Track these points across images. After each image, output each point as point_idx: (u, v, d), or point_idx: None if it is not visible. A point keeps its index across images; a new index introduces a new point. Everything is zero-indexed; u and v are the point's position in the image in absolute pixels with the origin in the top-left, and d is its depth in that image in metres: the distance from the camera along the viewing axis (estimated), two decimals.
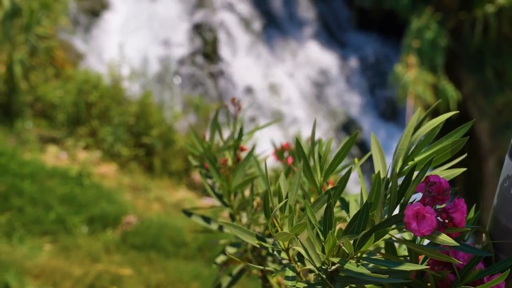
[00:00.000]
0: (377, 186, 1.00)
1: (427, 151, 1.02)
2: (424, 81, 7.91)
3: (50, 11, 6.51)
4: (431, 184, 0.83)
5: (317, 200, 1.01)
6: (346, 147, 1.13)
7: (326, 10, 9.74)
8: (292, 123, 8.40)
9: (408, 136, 1.04)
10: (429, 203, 0.80)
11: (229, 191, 1.30)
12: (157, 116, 6.74)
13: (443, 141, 1.01)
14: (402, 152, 1.04)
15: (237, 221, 1.35)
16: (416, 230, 0.78)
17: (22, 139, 5.58)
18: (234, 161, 1.37)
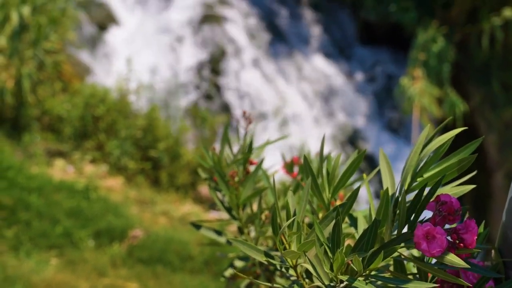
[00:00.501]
0: (386, 203, 1.00)
1: (436, 167, 1.02)
2: (430, 94, 7.90)
3: (58, 26, 6.57)
4: (442, 203, 0.82)
5: (325, 216, 1.00)
6: (353, 165, 1.13)
7: (332, 24, 9.78)
8: (297, 134, 8.40)
9: (417, 152, 1.04)
10: (439, 222, 0.80)
11: (237, 204, 1.31)
12: (164, 129, 6.76)
13: (451, 157, 1.01)
14: (411, 169, 1.04)
15: (245, 234, 1.35)
16: (426, 250, 0.77)
17: (30, 152, 5.61)
18: (243, 174, 1.38)
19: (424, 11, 8.63)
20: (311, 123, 8.63)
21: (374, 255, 0.85)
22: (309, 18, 9.67)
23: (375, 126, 9.08)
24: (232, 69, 8.66)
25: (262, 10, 9.42)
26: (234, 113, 8.31)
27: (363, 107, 9.18)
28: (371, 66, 9.51)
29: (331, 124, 8.72)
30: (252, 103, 8.43)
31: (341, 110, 8.97)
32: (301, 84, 8.93)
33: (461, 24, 8.33)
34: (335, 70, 9.35)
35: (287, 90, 8.77)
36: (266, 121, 8.34)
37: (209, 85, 8.46)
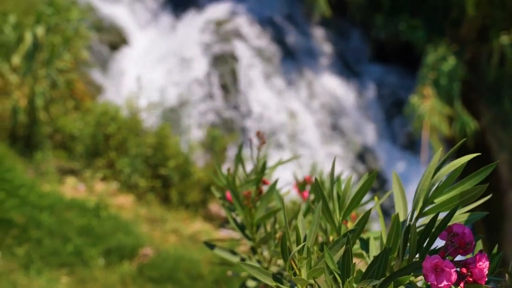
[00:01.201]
0: (397, 229, 1.00)
1: (448, 193, 1.02)
2: (440, 112, 7.88)
3: (71, 46, 6.65)
4: (453, 234, 0.82)
5: (335, 241, 1.00)
6: (364, 187, 1.13)
7: (342, 42, 9.83)
8: (308, 152, 8.39)
9: (429, 177, 1.03)
10: (451, 253, 0.79)
11: (252, 224, 1.31)
12: (174, 147, 6.78)
13: (464, 183, 1.01)
14: (423, 193, 1.03)
15: (258, 254, 1.35)
16: (434, 283, 0.76)
17: (42, 170, 5.64)
18: (256, 193, 1.38)
19: (433, 30, 8.65)
20: (321, 139, 8.62)
21: (384, 283, 0.84)
22: (320, 36, 9.72)
23: (385, 143, 9.05)
24: (242, 87, 8.71)
25: (273, 28, 9.49)
26: (244, 131, 8.33)
27: (373, 125, 9.16)
28: (381, 83, 9.51)
29: (341, 141, 8.71)
30: (262, 120, 8.45)
31: (351, 127, 8.95)
32: (311, 101, 8.94)
33: (471, 42, 8.33)
34: (345, 87, 9.36)
35: (297, 107, 8.79)
36: (277, 138, 8.34)
37: (219, 103, 8.50)
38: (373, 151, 8.87)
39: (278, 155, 7.98)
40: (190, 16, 9.77)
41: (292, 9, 9.91)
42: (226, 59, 8.88)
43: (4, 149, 5.00)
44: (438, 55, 8.17)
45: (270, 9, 9.82)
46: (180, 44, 9.20)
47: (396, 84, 9.50)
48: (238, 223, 1.34)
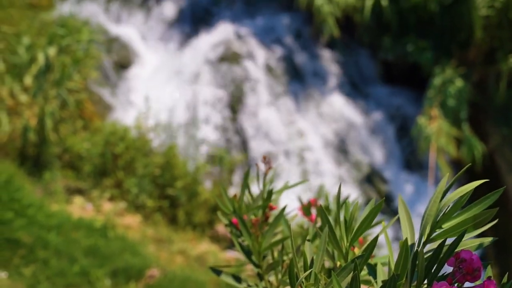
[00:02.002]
0: (405, 255, 0.99)
1: (456, 218, 1.01)
2: (447, 134, 7.86)
3: (81, 66, 6.74)
4: (461, 260, 0.81)
5: (343, 268, 1.00)
6: (372, 214, 1.12)
7: (350, 63, 9.87)
8: (315, 173, 8.37)
9: (436, 202, 1.03)
10: (459, 279, 0.79)
11: (259, 251, 1.31)
12: (181, 167, 6.79)
13: (472, 208, 1.00)
14: (430, 219, 1.03)
15: (265, 281, 1.34)
16: None
17: (50, 189, 5.67)
18: (263, 219, 1.38)
19: (441, 52, 8.68)
20: (329, 161, 8.60)
21: None
22: (327, 57, 9.77)
23: (392, 165, 9.02)
24: (250, 107, 8.74)
25: (281, 48, 9.56)
26: (252, 151, 8.34)
27: (381, 146, 9.14)
28: (389, 104, 9.52)
29: (349, 162, 8.68)
30: (270, 141, 8.46)
31: (359, 148, 8.94)
32: (319, 122, 8.95)
33: (479, 64, 8.34)
34: (353, 108, 9.37)
35: (305, 128, 8.80)
36: (284, 158, 8.34)
37: (227, 123, 8.53)
38: (380, 172, 8.83)
39: (285, 175, 7.97)
40: (199, 36, 9.88)
41: (301, 30, 9.99)
42: (234, 79, 8.94)
43: (14, 168, 5.04)
44: (446, 76, 8.18)
45: (278, 29, 9.91)
46: (188, 64, 9.29)
47: (404, 106, 9.51)
48: (245, 249, 1.34)
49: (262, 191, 1.44)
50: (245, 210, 1.41)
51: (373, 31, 9.39)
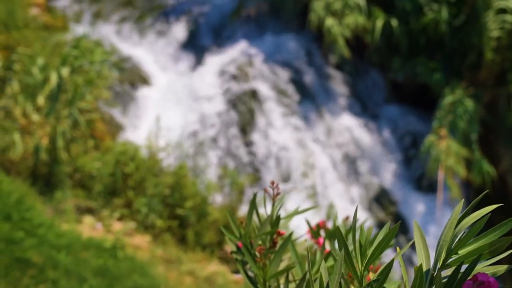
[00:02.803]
0: (420, 279, 0.99)
1: (472, 245, 1.01)
2: (456, 154, 7.82)
3: (93, 86, 6.81)
4: (479, 283, 0.81)
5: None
6: (387, 238, 1.12)
7: (360, 83, 9.90)
8: (324, 193, 8.34)
9: (452, 228, 1.03)
10: None
11: (264, 279, 1.30)
12: (191, 187, 6.80)
13: (487, 235, 1.00)
14: (445, 244, 1.03)
15: None
16: None
17: (60, 209, 5.69)
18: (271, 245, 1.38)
19: (451, 73, 8.68)
20: (339, 181, 8.57)
21: None
22: (337, 78, 9.81)
23: (403, 185, 8.97)
24: (260, 128, 8.76)
25: (290, 68, 9.61)
26: (262, 171, 8.33)
27: (391, 166, 9.10)
28: (399, 125, 9.50)
29: (359, 183, 8.65)
30: (280, 162, 8.45)
31: (369, 169, 8.90)
32: (329, 142, 8.95)
33: (490, 85, 8.33)
34: (363, 128, 9.37)
35: (315, 148, 8.79)
36: (293, 178, 8.32)
37: (237, 143, 8.55)
38: (390, 193, 8.78)
39: (294, 195, 7.94)
40: (209, 57, 9.97)
41: (311, 50, 10.05)
42: (244, 99, 8.98)
43: (25, 188, 5.07)
44: (456, 97, 8.17)
45: (288, 50, 9.98)
46: (199, 84, 9.36)
47: (414, 126, 9.49)
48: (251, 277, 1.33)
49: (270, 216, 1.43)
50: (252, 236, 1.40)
51: (383, 52, 9.43)
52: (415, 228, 1.17)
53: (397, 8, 9.06)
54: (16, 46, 6.61)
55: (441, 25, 8.53)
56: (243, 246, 1.31)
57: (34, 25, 7.83)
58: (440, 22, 8.52)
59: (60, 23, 10.07)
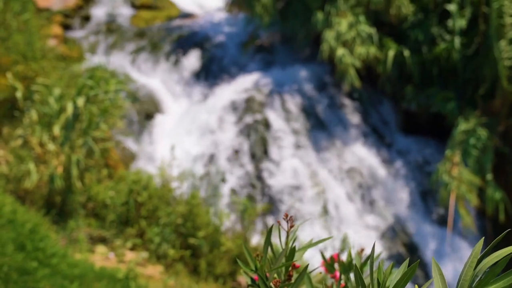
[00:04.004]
0: None
1: (493, 284, 0.99)
2: (469, 182, 7.74)
3: (107, 115, 6.88)
4: None
5: None
6: (405, 277, 1.10)
7: (372, 112, 9.89)
8: (338, 224, 8.26)
9: (472, 267, 1.01)
10: None
11: None
12: (204, 216, 6.78)
13: (508, 276, 0.98)
14: (466, 284, 1.01)
15: None
16: None
17: (73, 238, 5.69)
18: (286, 278, 1.37)
19: (465, 102, 8.66)
20: (352, 211, 8.50)
21: None
22: (349, 107, 9.82)
23: (417, 215, 8.87)
24: (272, 156, 8.76)
25: (302, 97, 9.65)
26: (274, 200, 8.29)
27: (405, 196, 9.02)
28: (412, 154, 9.45)
29: (372, 213, 8.56)
30: (292, 191, 8.42)
31: (382, 198, 8.83)
32: (342, 171, 8.91)
33: (504, 115, 8.28)
34: (376, 158, 9.33)
35: (328, 177, 8.75)
36: (306, 208, 8.27)
37: (250, 172, 8.54)
38: (404, 223, 8.68)
39: (308, 225, 7.88)
40: (221, 86, 10.06)
41: (323, 80, 10.11)
42: (256, 128, 9.01)
43: (39, 217, 5.09)
44: (469, 126, 8.13)
45: (301, 80, 10.05)
46: (211, 113, 9.42)
47: (427, 155, 9.43)
48: None
49: (285, 249, 1.43)
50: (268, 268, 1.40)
51: (395, 81, 9.45)
52: (434, 266, 1.15)
53: (409, 38, 9.12)
54: (34, 76, 6.74)
55: (453, 54, 8.56)
56: (259, 279, 1.30)
57: (52, 56, 7.99)
58: (453, 51, 8.54)
59: (76, 54, 10.26)
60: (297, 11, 9.94)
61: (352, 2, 9.32)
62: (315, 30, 9.51)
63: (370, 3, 9.16)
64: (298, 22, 9.97)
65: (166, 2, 13.31)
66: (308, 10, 9.67)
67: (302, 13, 9.88)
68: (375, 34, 9.13)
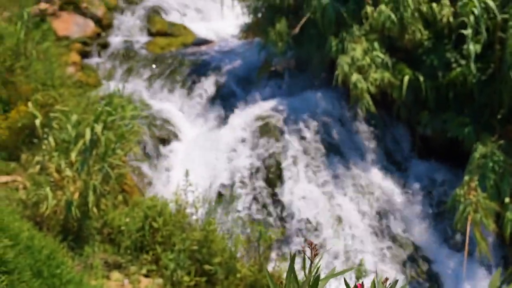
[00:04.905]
0: None
1: None
2: (486, 207, 7.63)
3: (124, 142, 6.94)
4: None
5: None
6: None
7: (387, 137, 9.85)
8: (355, 249, 8.16)
9: None
10: None
11: None
12: (219, 243, 6.75)
13: None
14: None
15: None
16: None
17: (89, 264, 5.70)
18: None
19: (481, 126, 8.60)
20: (368, 236, 8.40)
21: None
22: (365, 132, 9.80)
23: (434, 241, 8.74)
24: (288, 181, 8.74)
25: (318, 123, 9.65)
26: (290, 226, 8.24)
27: (422, 222, 8.91)
28: (429, 179, 9.36)
29: (389, 239, 8.46)
30: (309, 216, 8.36)
31: (399, 224, 8.73)
32: (357, 196, 8.84)
33: None
34: (392, 183, 9.25)
35: (343, 202, 8.69)
36: (323, 234, 8.19)
37: (266, 197, 8.52)
38: (421, 249, 8.56)
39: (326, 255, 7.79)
40: (236, 112, 10.11)
41: (337, 105, 10.12)
42: (271, 154, 9.02)
43: (56, 243, 5.11)
44: (487, 151, 8.05)
45: (316, 104, 10.07)
46: (227, 139, 9.46)
47: (444, 181, 9.33)
48: None
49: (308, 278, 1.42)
50: None
51: (410, 106, 9.43)
52: None
53: (424, 63, 9.12)
54: (53, 103, 6.85)
55: (469, 79, 8.53)
56: None
57: (70, 83, 8.13)
58: (469, 76, 8.52)
59: (93, 80, 10.42)
60: (311, 37, 10.01)
61: (366, 28, 9.38)
62: (329, 56, 9.56)
63: (384, 29, 9.21)
64: (312, 48, 10.04)
65: (181, 29, 13.51)
66: (322, 36, 9.74)
67: (316, 39, 9.95)
68: (389, 60, 9.16)
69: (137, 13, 13.70)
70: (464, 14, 8.52)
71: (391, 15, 9.04)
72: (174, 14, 14.09)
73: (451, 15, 8.92)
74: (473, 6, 8.43)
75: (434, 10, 9.07)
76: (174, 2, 14.52)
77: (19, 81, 7.22)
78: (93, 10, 12.48)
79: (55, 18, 11.64)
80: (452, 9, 8.96)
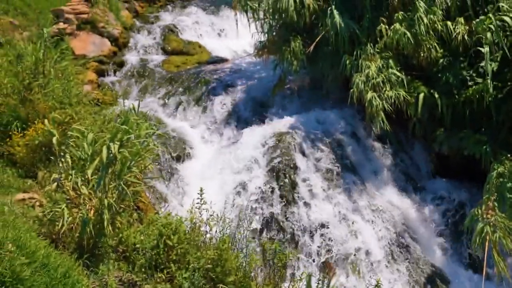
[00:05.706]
0: None
1: None
2: (504, 227, 7.50)
3: (139, 159, 6.96)
4: None
5: None
6: None
7: (403, 156, 9.79)
8: (372, 270, 8.06)
9: None
10: None
11: None
12: (233, 261, 6.70)
13: None
14: None
15: None
16: None
17: (104, 283, 5.68)
18: None
19: (499, 144, 8.50)
20: (384, 256, 8.30)
21: None
22: (380, 150, 9.74)
23: (452, 262, 8.60)
24: (303, 200, 8.69)
25: (333, 141, 9.63)
26: (305, 245, 8.17)
27: (439, 242, 8.79)
28: (446, 198, 9.25)
29: (406, 260, 8.34)
30: (324, 235, 8.29)
31: (416, 244, 8.61)
32: (374, 215, 8.75)
33: None
34: (408, 202, 9.16)
35: (359, 221, 8.61)
36: (338, 253, 8.11)
37: (280, 216, 8.47)
38: (440, 270, 8.42)
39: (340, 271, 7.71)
40: (251, 129, 10.14)
41: (352, 122, 10.10)
42: (286, 171, 8.99)
43: (72, 261, 5.11)
44: (504, 170, 7.95)
45: (330, 122, 10.06)
46: (241, 156, 9.46)
47: (460, 199, 9.22)
48: None
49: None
50: None
51: (426, 124, 9.37)
52: None
53: (439, 81, 9.09)
54: (70, 121, 6.92)
55: (486, 96, 8.47)
56: None
57: (86, 101, 8.23)
58: (486, 93, 8.46)
59: (109, 98, 10.54)
60: (325, 55, 10.04)
61: (381, 46, 9.38)
62: (343, 73, 9.57)
63: (399, 47, 9.20)
64: (327, 66, 10.07)
65: (196, 48, 13.64)
66: (337, 53, 9.77)
67: (330, 57, 9.98)
68: (404, 78, 9.13)
69: (153, 32, 13.88)
70: (481, 32, 8.48)
71: (406, 32, 9.03)
72: (189, 32, 14.26)
73: (466, 33, 8.89)
74: (490, 23, 8.40)
75: (449, 28, 9.05)
76: (190, 21, 14.69)
77: (37, 99, 7.32)
78: (110, 30, 12.68)
79: (73, 38, 11.84)
80: (467, 27, 8.94)
